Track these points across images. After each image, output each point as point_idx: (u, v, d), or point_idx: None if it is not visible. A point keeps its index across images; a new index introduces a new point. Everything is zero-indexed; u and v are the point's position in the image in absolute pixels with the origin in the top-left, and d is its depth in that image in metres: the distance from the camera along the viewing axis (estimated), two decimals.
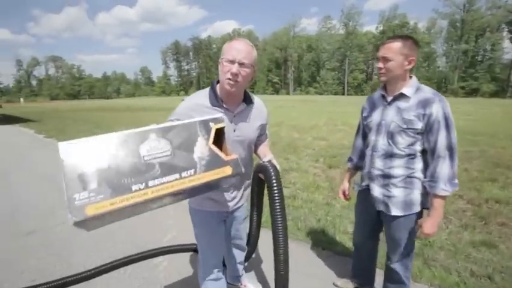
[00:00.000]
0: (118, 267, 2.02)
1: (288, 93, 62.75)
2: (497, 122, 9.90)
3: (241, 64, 1.11)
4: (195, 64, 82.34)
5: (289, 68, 64.36)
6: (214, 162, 0.87)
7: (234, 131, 1.23)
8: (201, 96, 1.23)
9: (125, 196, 0.73)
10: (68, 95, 78.75)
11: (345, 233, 2.55)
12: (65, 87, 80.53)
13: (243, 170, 0.93)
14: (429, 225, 1.29)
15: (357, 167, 1.70)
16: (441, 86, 48.57)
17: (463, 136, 6.49)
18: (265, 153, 1.31)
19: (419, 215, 1.38)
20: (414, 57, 1.30)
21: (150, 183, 0.77)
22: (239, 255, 1.67)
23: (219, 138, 0.93)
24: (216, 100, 1.20)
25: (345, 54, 57.70)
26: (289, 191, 3.73)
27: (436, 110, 1.23)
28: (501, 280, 1.90)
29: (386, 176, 1.38)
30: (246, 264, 1.83)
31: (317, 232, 2.59)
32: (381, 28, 56.27)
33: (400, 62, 1.28)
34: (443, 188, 1.24)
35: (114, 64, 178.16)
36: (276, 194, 1.05)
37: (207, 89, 1.25)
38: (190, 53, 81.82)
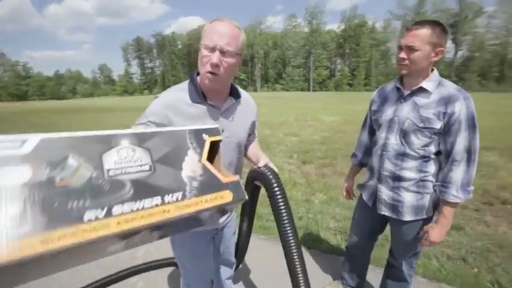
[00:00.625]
0: None
1: (255, 90, 63.00)
2: None
3: (223, 52, 0.88)
4: (159, 62, 78.79)
5: (256, 65, 64.59)
6: (209, 185, 0.65)
7: (222, 131, 1.05)
8: (179, 91, 0.99)
9: (71, 229, 0.45)
10: (12, 95, 70.12)
11: (327, 229, 2.54)
12: (8, 86, 71.41)
13: (246, 196, 0.74)
14: (437, 233, 1.20)
15: (362, 164, 1.57)
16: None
17: None
18: (258, 156, 1.13)
19: (429, 219, 1.28)
20: (443, 47, 1.13)
21: (116, 209, 0.51)
22: (228, 271, 1.51)
23: (212, 155, 0.74)
24: (198, 95, 0.97)
25: (310, 52, 59.45)
26: None
27: (459, 109, 1.09)
28: (473, 261, 2.02)
29: (397, 179, 1.26)
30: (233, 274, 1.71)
31: (300, 230, 2.54)
32: (342, 27, 59.02)
33: (427, 52, 1.11)
34: (455, 195, 1.13)
35: (68, 61, 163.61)
36: (282, 204, 0.90)
37: (186, 83, 1.03)
38: (154, 50, 77.97)
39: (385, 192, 1.32)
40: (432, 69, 1.20)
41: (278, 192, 0.90)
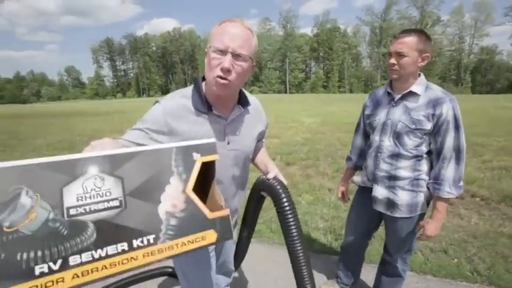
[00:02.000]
0: None
1: None
2: None
3: (236, 56, 0.80)
4: (132, 64, 75.90)
5: None
6: (191, 223, 0.55)
7: (228, 143, 0.94)
8: (183, 97, 0.90)
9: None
10: None
11: (317, 229, 2.58)
12: None
13: (233, 236, 0.64)
14: (432, 228, 1.26)
15: (357, 167, 1.62)
16: (368, 83, 55.24)
17: None
18: (267, 165, 1.07)
19: (423, 215, 1.35)
20: (428, 53, 1.21)
21: (73, 259, 0.43)
22: (226, 280, 1.48)
23: (205, 178, 0.64)
24: (202, 104, 0.88)
25: (285, 55, 60.60)
26: None
27: (446, 111, 1.17)
28: (454, 252, 2.15)
29: (393, 178, 1.32)
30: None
31: None
32: (316, 31, 60.93)
33: (414, 58, 1.20)
34: (448, 191, 1.20)
35: (31, 62, 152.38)
36: (291, 219, 0.86)
37: (189, 88, 0.93)
38: (126, 52, 75.03)
39: (380, 192, 1.37)
40: (419, 74, 1.28)
41: (288, 207, 0.87)
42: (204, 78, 0.92)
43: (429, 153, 1.29)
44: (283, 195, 0.88)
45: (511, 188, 3.39)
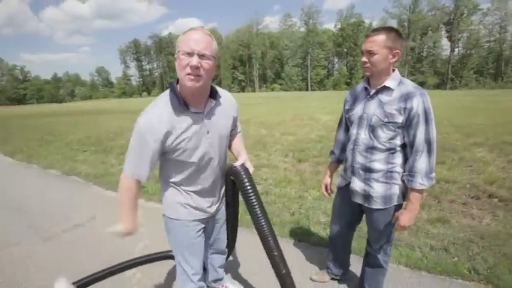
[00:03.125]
0: (85, 286, 1.84)
1: (253, 91, 63.09)
2: (441, 111, 10.96)
3: (201, 56, 0.97)
4: (157, 63, 78.71)
5: (253, 65, 64.65)
6: None
7: (208, 132, 1.13)
8: (162, 107, 1.06)
9: None
10: (11, 99, 70.32)
11: (318, 223, 2.64)
12: (6, 91, 71.72)
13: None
14: (406, 218, 1.31)
15: (339, 160, 1.68)
16: None
17: None
18: (240, 152, 1.27)
19: (399, 206, 1.39)
20: (399, 49, 1.26)
21: None
22: (220, 259, 1.61)
23: None
24: (180, 104, 1.05)
25: (307, 51, 59.56)
26: (262, 187, 3.76)
27: (416, 105, 1.22)
28: (455, 250, 2.12)
29: (368, 170, 1.37)
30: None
31: (292, 225, 2.64)
32: (339, 26, 59.15)
33: (385, 55, 1.25)
34: (421, 183, 1.25)
35: (66, 64, 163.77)
36: (254, 201, 1.03)
37: (166, 94, 1.09)
38: (152, 52, 77.91)
39: (357, 184, 1.43)
40: (393, 70, 1.33)
41: (250, 190, 1.02)
42: (178, 82, 1.09)
43: (403, 146, 1.33)
44: (245, 180, 1.03)
45: None
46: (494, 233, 2.37)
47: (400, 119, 1.26)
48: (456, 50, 50.30)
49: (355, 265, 1.87)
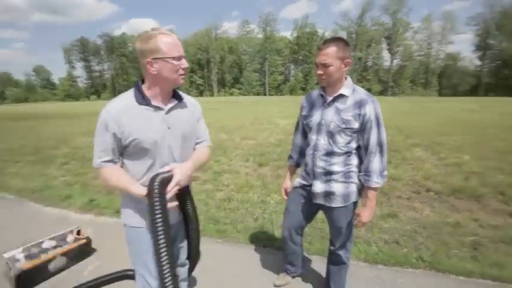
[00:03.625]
0: None
1: (212, 95, 62.47)
2: (386, 115, 12.10)
3: (183, 58, 1.15)
4: (108, 65, 72.91)
5: (212, 69, 64.08)
6: None
7: (169, 128, 1.18)
8: (126, 99, 1.15)
9: None
10: None
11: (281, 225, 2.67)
12: None
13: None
14: (366, 214, 1.43)
15: (298, 164, 1.73)
16: None
17: None
18: (192, 157, 1.26)
19: (356, 204, 1.51)
20: (349, 58, 1.35)
21: None
22: (182, 272, 1.52)
23: None
24: (144, 99, 1.14)
25: (265, 57, 61.16)
26: (224, 193, 3.70)
27: (369, 111, 1.33)
28: (404, 242, 2.34)
29: (328, 173, 1.45)
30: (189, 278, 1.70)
31: (256, 231, 2.63)
32: (295, 34, 62.11)
33: (338, 65, 1.33)
34: (376, 181, 1.37)
35: None
36: (156, 217, 1.03)
37: (131, 91, 1.18)
38: (102, 52, 71.94)
39: (319, 186, 1.50)
40: (346, 78, 1.42)
41: (155, 204, 1.02)
42: (143, 81, 1.19)
43: (358, 148, 1.44)
44: (153, 190, 1.03)
45: (460, 182, 3.70)
46: (432, 223, 2.68)
47: (356, 124, 1.36)
48: (395, 61, 56.73)
49: (319, 265, 1.93)
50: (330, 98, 1.42)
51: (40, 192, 3.92)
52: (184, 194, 1.22)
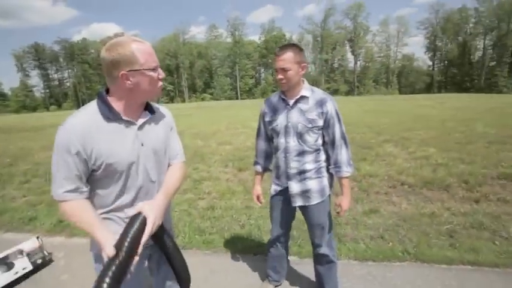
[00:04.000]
0: None
1: (183, 101, 61.15)
2: (355, 114, 12.76)
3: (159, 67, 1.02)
4: (68, 72, 68.05)
5: (182, 75, 62.78)
6: None
7: (142, 145, 1.03)
8: (89, 113, 0.97)
9: None
10: None
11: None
12: None
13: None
14: (346, 201, 1.54)
15: (266, 169, 1.77)
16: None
17: None
18: (160, 191, 1.06)
19: (329, 197, 1.60)
20: (305, 62, 1.45)
21: None
22: None
23: None
24: (112, 112, 0.97)
25: (235, 61, 61.35)
26: (206, 201, 3.59)
27: (330, 108, 1.45)
28: (389, 237, 2.43)
29: (302, 172, 1.52)
30: None
31: (244, 239, 2.57)
32: (263, 38, 63.15)
33: (296, 69, 1.42)
34: (346, 170, 1.50)
35: None
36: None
37: (93, 103, 0.99)
38: (61, 59, 66.97)
39: (295, 187, 1.55)
40: (303, 81, 1.52)
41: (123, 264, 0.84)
42: (107, 91, 1.02)
43: (323, 144, 1.55)
44: (124, 254, 0.85)
45: (430, 174, 3.95)
46: (411, 215, 2.82)
47: (320, 122, 1.47)
48: (358, 62, 60.14)
49: (310, 267, 1.92)
50: (292, 101, 1.49)
51: None
52: (157, 231, 1.00)
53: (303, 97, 1.47)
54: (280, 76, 1.43)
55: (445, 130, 7.45)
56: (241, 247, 2.44)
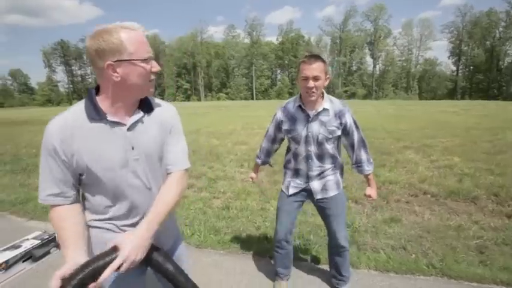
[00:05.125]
0: None
1: (199, 100, 61.98)
2: (374, 119, 12.44)
3: (153, 59, 0.90)
4: (91, 69, 70.74)
5: (198, 74, 63.66)
6: None
7: (133, 148, 0.91)
8: (74, 112, 0.87)
9: None
10: None
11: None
12: None
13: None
14: (373, 191, 1.73)
15: (264, 163, 1.95)
16: (329, 91, 58.44)
17: None
18: (146, 217, 0.89)
19: (342, 190, 1.74)
20: (328, 74, 1.51)
21: None
22: None
23: None
24: (96, 112, 0.86)
25: (251, 62, 61.50)
26: (221, 201, 3.58)
27: (348, 119, 1.57)
28: (411, 248, 2.31)
29: (322, 173, 1.66)
30: None
31: (259, 241, 2.53)
32: (280, 39, 62.92)
33: (324, 80, 1.47)
34: (367, 169, 1.67)
35: None
36: None
37: (81, 102, 0.90)
38: (84, 56, 69.77)
39: (316, 185, 1.68)
40: (323, 92, 1.57)
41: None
42: (97, 89, 0.91)
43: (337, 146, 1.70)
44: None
45: (455, 184, 3.76)
46: (435, 227, 2.68)
47: (339, 132, 1.59)
48: (377, 66, 58.69)
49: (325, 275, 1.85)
50: (313, 112, 1.56)
51: (22, 205, 3.65)
52: (152, 256, 0.86)
53: (324, 109, 1.54)
54: (311, 84, 1.44)
55: (470, 138, 7.09)
56: (256, 249, 2.40)
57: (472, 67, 52.69)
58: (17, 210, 3.51)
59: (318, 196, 1.67)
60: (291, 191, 1.72)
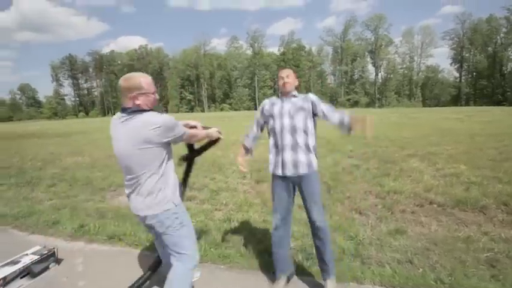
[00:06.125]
0: None
1: (203, 111, 62.57)
2: (376, 127, 12.34)
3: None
4: (97, 82, 72.22)
5: (202, 85, 64.50)
6: None
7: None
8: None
9: None
10: None
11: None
12: None
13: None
14: (363, 125, 1.88)
15: (248, 149, 2.28)
16: (332, 99, 58.55)
17: (358, 140, 7.71)
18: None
19: (316, 173, 1.92)
20: (296, 79, 2.03)
21: None
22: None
23: None
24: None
25: (254, 73, 62.24)
26: (223, 213, 3.53)
27: (312, 97, 1.98)
28: (418, 261, 2.22)
29: (294, 145, 1.87)
30: None
31: (262, 255, 2.45)
32: (282, 50, 63.77)
33: (293, 79, 1.99)
34: (346, 118, 1.87)
35: None
36: None
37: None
38: (90, 69, 71.43)
39: (288, 156, 1.86)
40: (296, 89, 2.02)
41: None
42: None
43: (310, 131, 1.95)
44: None
45: (462, 193, 3.66)
46: (443, 238, 2.59)
47: (305, 105, 1.90)
48: (379, 74, 58.91)
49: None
50: (286, 97, 1.97)
51: (24, 219, 3.63)
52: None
53: (293, 95, 1.97)
54: (285, 80, 1.95)
55: (475, 145, 6.99)
56: (259, 264, 2.34)
57: (474, 73, 52.64)
58: (19, 224, 3.49)
59: (290, 172, 1.86)
60: (271, 167, 1.97)
